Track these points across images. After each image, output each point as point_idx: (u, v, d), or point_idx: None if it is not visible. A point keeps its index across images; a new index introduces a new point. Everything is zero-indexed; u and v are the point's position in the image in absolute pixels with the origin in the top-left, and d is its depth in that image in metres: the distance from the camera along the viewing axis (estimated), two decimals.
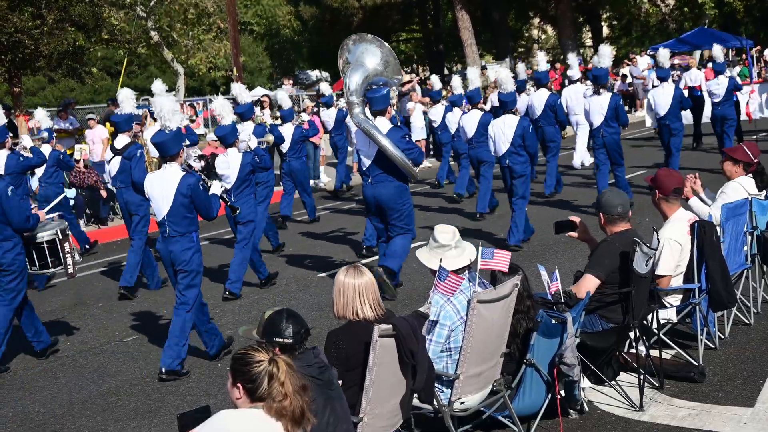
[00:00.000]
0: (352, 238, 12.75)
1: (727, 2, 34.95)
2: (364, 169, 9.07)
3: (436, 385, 4.89)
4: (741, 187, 7.42)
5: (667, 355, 6.35)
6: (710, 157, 16.66)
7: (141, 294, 10.45)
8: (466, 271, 5.32)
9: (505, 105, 11.35)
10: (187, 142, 10.70)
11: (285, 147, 13.91)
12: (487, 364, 5.08)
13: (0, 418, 6.73)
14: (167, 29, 28.47)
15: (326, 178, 19.32)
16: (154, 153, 11.11)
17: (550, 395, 5.35)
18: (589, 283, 5.82)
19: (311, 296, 9.65)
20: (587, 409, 5.74)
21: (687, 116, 17.22)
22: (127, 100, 10.81)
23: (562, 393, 5.47)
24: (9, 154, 10.61)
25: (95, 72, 30.56)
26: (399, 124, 9.36)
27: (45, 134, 13.33)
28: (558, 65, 29.00)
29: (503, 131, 11.05)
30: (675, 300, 6.47)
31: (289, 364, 3.50)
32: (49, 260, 8.14)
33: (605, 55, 14.34)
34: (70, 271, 8.35)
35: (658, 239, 5.99)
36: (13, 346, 8.70)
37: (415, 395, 4.79)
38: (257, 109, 18.31)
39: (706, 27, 34.56)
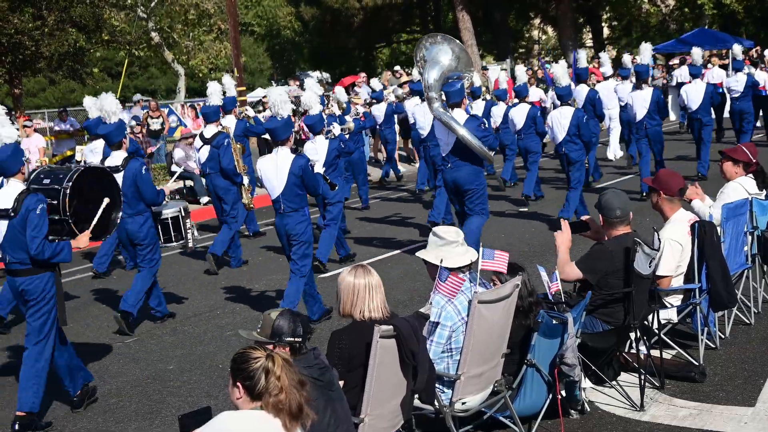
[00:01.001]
0: (355, 240, 12.75)
1: (726, 3, 34.88)
2: (443, 155, 9.79)
3: (437, 385, 4.89)
4: (741, 187, 7.42)
5: (667, 355, 6.35)
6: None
7: None
8: (467, 272, 5.32)
9: (562, 98, 12.38)
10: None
11: None
12: (488, 364, 5.09)
13: (1, 419, 6.73)
14: (168, 30, 28.48)
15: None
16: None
17: (551, 395, 5.36)
18: (572, 271, 5.93)
19: None
20: (588, 410, 5.75)
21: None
22: (214, 93, 11.88)
23: (563, 393, 5.48)
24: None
25: (96, 73, 30.55)
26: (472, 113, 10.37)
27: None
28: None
29: (560, 121, 12.03)
30: (675, 300, 6.47)
31: (286, 360, 3.51)
32: (172, 235, 9.04)
33: (646, 53, 15.09)
34: (190, 245, 9.28)
35: (659, 240, 5.99)
36: (16, 346, 8.70)
37: (416, 396, 4.80)
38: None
39: (706, 28, 34.56)
